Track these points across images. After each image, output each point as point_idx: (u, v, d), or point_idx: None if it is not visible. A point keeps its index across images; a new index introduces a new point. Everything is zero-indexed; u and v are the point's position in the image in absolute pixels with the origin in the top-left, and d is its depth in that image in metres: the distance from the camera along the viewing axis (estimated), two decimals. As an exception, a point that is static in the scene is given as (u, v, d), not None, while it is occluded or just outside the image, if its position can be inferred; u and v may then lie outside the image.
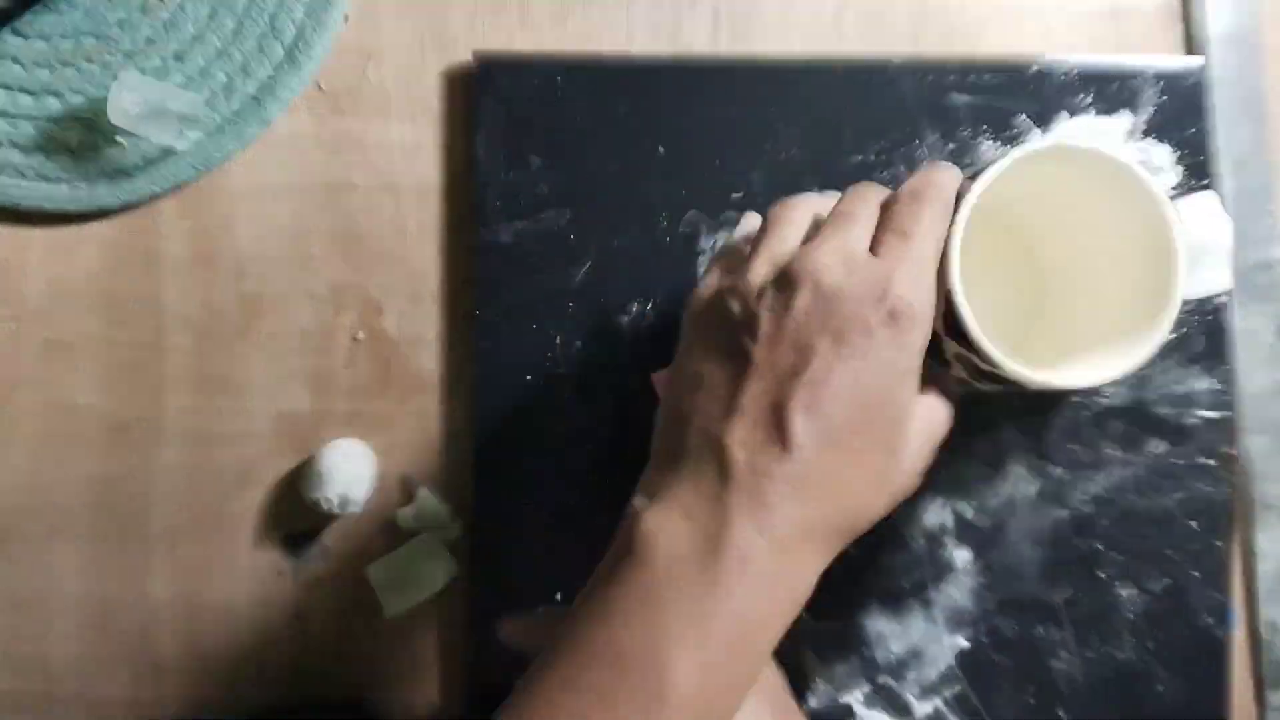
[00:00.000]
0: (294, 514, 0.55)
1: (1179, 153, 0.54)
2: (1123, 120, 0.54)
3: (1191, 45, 0.56)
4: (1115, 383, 0.47)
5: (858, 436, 0.40)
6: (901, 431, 0.41)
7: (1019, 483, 0.54)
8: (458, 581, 0.55)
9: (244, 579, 0.55)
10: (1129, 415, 0.54)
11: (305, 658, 0.55)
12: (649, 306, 0.54)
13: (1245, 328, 0.55)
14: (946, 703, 0.54)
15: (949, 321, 0.43)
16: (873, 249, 0.41)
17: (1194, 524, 0.54)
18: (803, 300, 0.40)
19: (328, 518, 0.55)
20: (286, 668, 0.55)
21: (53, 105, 0.54)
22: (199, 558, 0.55)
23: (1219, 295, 0.51)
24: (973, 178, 0.43)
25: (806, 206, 0.44)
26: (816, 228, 0.43)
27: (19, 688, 0.55)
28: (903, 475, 0.42)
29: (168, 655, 0.55)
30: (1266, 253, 0.55)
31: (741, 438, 0.40)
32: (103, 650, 0.55)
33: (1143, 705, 0.53)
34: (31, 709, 0.55)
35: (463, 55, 0.56)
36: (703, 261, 0.54)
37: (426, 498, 0.55)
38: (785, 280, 0.41)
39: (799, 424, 0.39)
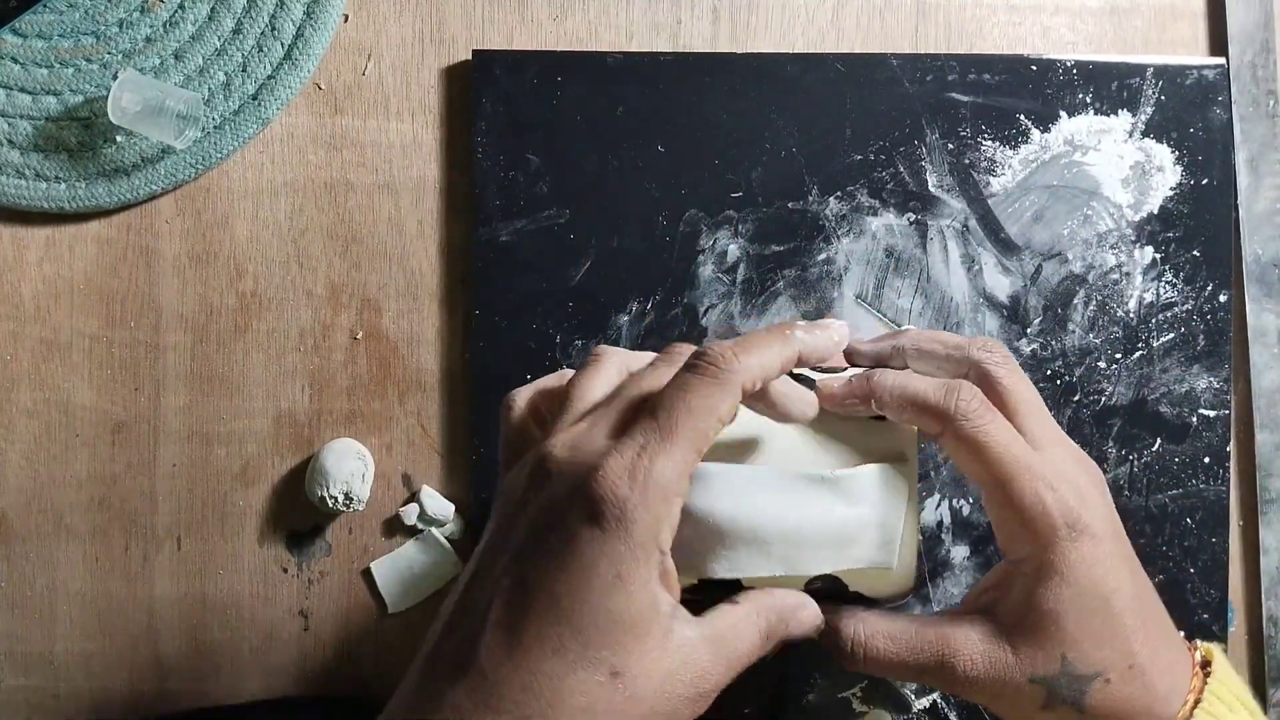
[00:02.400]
0: (297, 512, 0.55)
1: (1178, 152, 0.54)
2: (1122, 119, 0.54)
3: (1208, 43, 0.56)
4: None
5: (559, 654, 0.35)
6: (625, 650, 0.35)
7: (1017, 481, 0.54)
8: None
9: (248, 576, 0.55)
10: (1129, 413, 0.54)
11: (309, 655, 0.55)
12: (649, 305, 0.54)
13: (1256, 325, 0.55)
14: (944, 698, 0.54)
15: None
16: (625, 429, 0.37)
17: (1191, 521, 0.54)
18: (524, 494, 0.37)
19: (331, 515, 0.55)
20: (291, 665, 0.55)
21: (51, 104, 0.54)
22: (202, 556, 0.55)
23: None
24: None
25: (600, 375, 0.41)
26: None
27: (24, 685, 0.55)
28: (639, 705, 0.36)
29: (172, 653, 0.55)
30: (1278, 251, 0.55)
31: (431, 661, 0.37)
32: (107, 648, 0.55)
33: (1139, 701, 0.54)
34: (37, 707, 0.55)
35: (461, 53, 0.55)
36: (702, 260, 0.54)
37: (429, 495, 0.55)
38: (530, 470, 0.38)
39: (488, 638, 0.35)
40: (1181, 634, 0.45)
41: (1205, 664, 0.44)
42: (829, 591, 0.44)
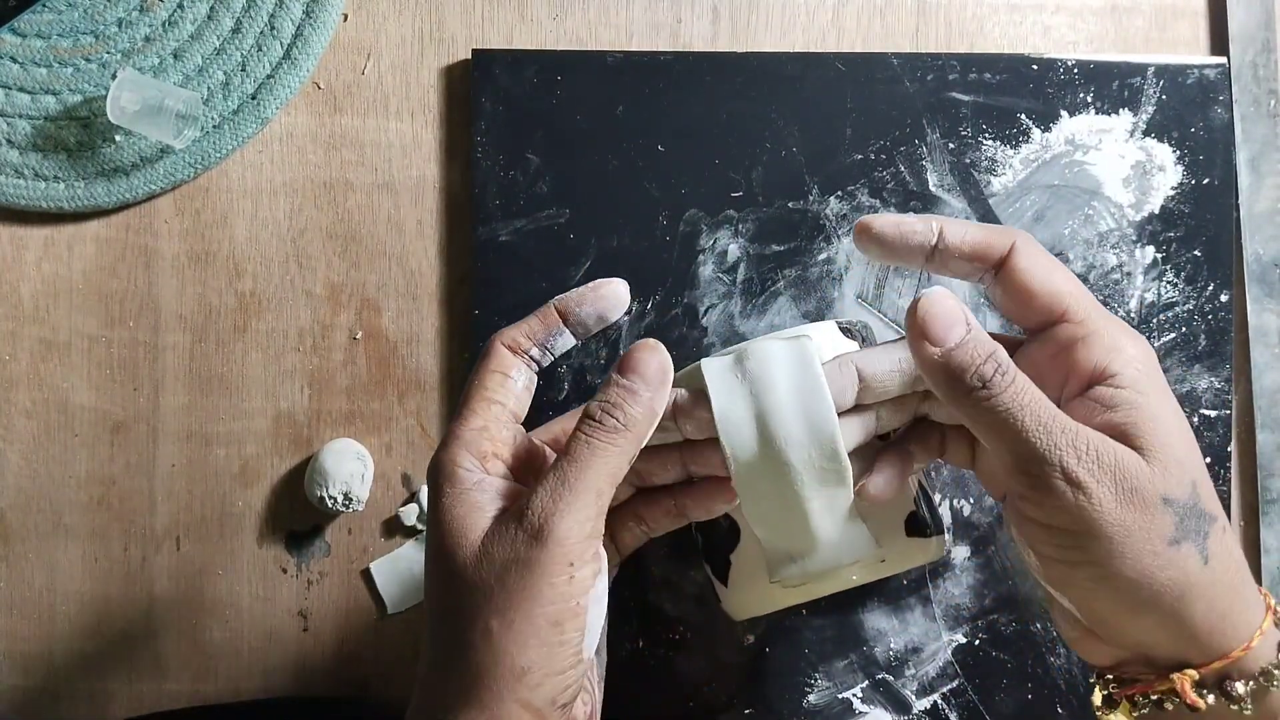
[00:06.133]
0: (296, 512, 0.55)
1: (1179, 152, 0.54)
2: (1123, 119, 0.54)
3: (1209, 43, 0.56)
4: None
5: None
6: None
7: (1018, 481, 0.54)
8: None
9: (247, 577, 0.55)
10: (1128, 413, 0.54)
11: (308, 655, 0.55)
12: (649, 305, 0.54)
13: (1258, 325, 0.55)
14: (945, 699, 0.54)
15: None
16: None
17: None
18: None
19: (330, 515, 0.55)
20: (290, 665, 0.55)
21: (50, 104, 0.54)
22: (202, 556, 0.55)
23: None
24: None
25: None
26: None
27: (23, 685, 0.55)
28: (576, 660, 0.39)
29: (171, 653, 0.55)
30: (1279, 251, 0.55)
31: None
32: (106, 648, 0.55)
33: (1140, 702, 0.53)
34: (36, 706, 0.55)
35: (461, 52, 0.55)
36: (702, 260, 0.54)
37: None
38: None
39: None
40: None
41: None
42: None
